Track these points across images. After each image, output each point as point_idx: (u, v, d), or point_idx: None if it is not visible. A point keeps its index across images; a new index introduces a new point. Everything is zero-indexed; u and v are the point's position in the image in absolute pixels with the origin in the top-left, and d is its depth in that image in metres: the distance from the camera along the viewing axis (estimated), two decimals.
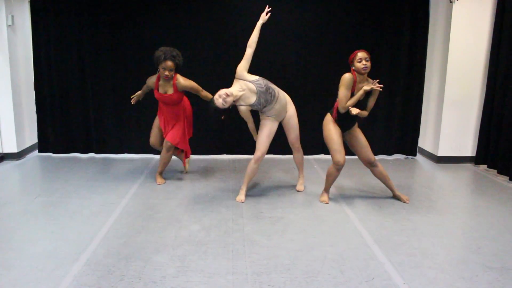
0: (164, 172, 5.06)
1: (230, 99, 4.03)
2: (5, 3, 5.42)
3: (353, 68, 4.02)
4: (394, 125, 6.19)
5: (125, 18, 5.74)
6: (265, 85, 4.16)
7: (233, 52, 5.61)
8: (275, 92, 4.25)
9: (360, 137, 4.29)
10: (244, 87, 4.15)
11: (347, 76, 3.98)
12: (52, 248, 3.30)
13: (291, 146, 4.60)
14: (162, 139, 4.89)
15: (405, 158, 6.25)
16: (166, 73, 4.39)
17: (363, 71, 3.97)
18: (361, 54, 3.95)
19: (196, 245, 3.39)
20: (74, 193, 4.54)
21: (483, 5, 5.55)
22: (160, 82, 4.57)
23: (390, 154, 6.28)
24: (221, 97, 4.00)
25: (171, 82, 4.51)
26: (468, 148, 5.94)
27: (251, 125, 4.39)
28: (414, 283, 2.88)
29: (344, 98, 3.98)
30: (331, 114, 4.21)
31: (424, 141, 6.34)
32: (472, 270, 3.08)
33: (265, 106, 4.23)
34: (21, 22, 5.81)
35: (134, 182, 4.93)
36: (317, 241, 3.50)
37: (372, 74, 5.54)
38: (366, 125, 6.04)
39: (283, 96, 4.38)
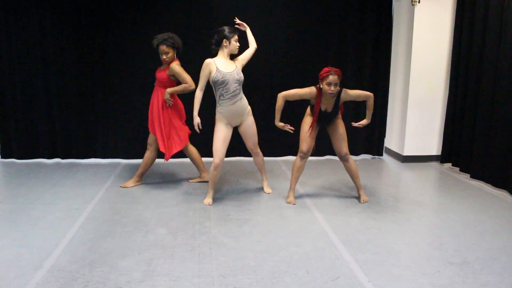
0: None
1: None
2: None
3: (320, 86, 4.04)
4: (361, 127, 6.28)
5: (90, 18, 5.65)
6: (222, 79, 4.17)
7: None
8: (235, 94, 4.27)
9: (338, 129, 4.34)
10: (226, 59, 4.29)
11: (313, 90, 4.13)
12: (13, 256, 3.22)
13: (249, 151, 4.64)
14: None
15: (372, 158, 6.37)
16: (163, 56, 4.51)
17: (329, 96, 4.03)
18: (332, 78, 3.94)
19: (163, 248, 3.37)
20: (38, 200, 4.44)
21: (444, 7, 5.73)
22: (162, 67, 4.67)
23: (357, 154, 6.39)
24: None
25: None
26: (434, 147, 6.10)
27: None
28: (379, 280, 2.94)
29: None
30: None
31: (390, 141, 6.47)
32: (435, 266, 3.16)
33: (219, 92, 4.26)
34: None
35: (101, 187, 4.86)
36: (284, 242, 3.52)
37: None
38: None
39: (244, 105, 4.39)
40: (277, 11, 5.87)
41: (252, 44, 4.55)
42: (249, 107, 4.46)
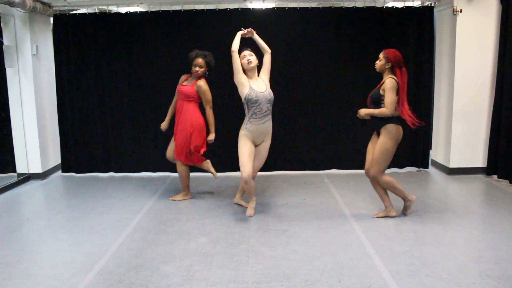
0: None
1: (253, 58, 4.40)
2: (30, 34, 5.80)
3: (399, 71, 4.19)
4: (406, 138, 6.23)
5: (139, 46, 6.07)
6: (256, 98, 4.31)
7: None
8: (266, 114, 4.41)
9: (376, 145, 4.21)
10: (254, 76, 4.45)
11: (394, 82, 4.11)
12: (68, 259, 3.52)
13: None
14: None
15: (417, 171, 6.30)
16: (197, 68, 4.75)
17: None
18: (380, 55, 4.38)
19: (203, 256, 3.56)
20: (92, 210, 4.79)
21: (487, 15, 5.65)
22: (186, 81, 4.91)
23: (402, 167, 6.34)
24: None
25: (195, 81, 4.82)
26: (479, 158, 5.95)
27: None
28: None
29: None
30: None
31: (436, 153, 6.38)
32: (471, 278, 3.14)
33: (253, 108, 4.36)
34: (44, 51, 6.19)
35: (150, 199, 5.15)
36: (319, 251, 3.61)
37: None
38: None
39: (270, 126, 4.51)
40: (317, 21, 6.01)
41: (266, 50, 4.53)
42: (271, 129, 4.53)
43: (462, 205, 4.81)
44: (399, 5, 6.14)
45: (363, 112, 4.20)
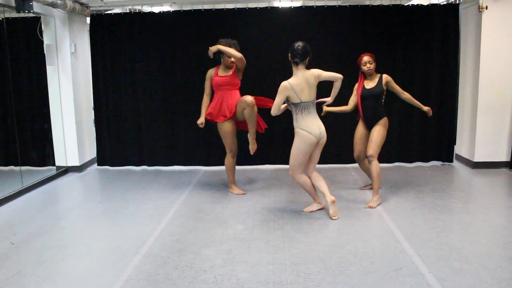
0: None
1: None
2: (69, 34, 6.11)
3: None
4: (431, 132, 6.39)
5: (172, 44, 6.32)
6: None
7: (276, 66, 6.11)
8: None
9: (374, 132, 4.71)
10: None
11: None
12: (114, 244, 3.78)
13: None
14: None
15: (442, 165, 6.42)
16: (232, 59, 4.85)
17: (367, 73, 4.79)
18: (366, 58, 4.75)
19: (241, 241, 3.77)
20: (130, 200, 5.05)
21: None
22: (219, 71, 5.03)
23: (427, 161, 6.47)
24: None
25: (231, 69, 4.98)
26: (504, 153, 6.05)
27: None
28: (439, 272, 3.14)
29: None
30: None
31: (461, 147, 6.49)
32: (497, 262, 3.29)
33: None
34: (82, 50, 6.50)
35: (184, 190, 5.39)
36: (351, 237, 3.80)
37: (407, 84, 5.92)
38: (402, 133, 6.32)
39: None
40: (344, 19, 6.18)
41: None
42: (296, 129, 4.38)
43: (487, 196, 4.94)
44: (425, 2, 6.28)
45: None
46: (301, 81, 4.17)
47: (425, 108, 4.83)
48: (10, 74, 5.88)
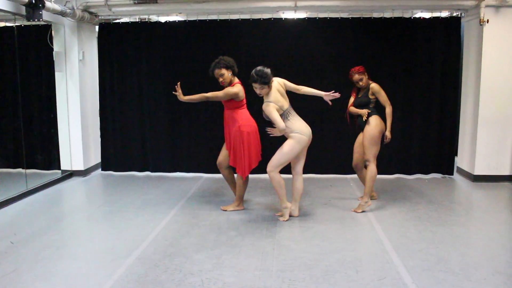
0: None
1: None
2: (77, 42, 6.30)
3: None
4: (431, 144, 6.41)
5: (177, 53, 6.47)
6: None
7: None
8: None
9: (364, 136, 4.83)
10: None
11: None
12: (110, 246, 3.89)
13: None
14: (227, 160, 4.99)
15: (442, 177, 6.42)
16: (220, 79, 4.77)
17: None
18: (356, 77, 4.91)
19: (232, 247, 3.86)
20: (130, 204, 5.17)
21: None
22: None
23: (427, 173, 6.48)
24: None
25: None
26: (506, 166, 6.05)
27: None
28: (422, 283, 3.18)
29: None
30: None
31: (462, 160, 6.50)
32: (482, 274, 3.32)
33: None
34: (89, 57, 6.68)
35: (184, 196, 5.49)
36: (340, 246, 3.86)
37: (409, 96, 5.98)
38: (403, 144, 6.35)
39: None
40: (347, 31, 6.26)
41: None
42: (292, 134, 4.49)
43: (483, 210, 4.95)
44: (427, 15, 6.34)
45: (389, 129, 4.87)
46: (276, 94, 4.46)
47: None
48: (19, 79, 6.08)
